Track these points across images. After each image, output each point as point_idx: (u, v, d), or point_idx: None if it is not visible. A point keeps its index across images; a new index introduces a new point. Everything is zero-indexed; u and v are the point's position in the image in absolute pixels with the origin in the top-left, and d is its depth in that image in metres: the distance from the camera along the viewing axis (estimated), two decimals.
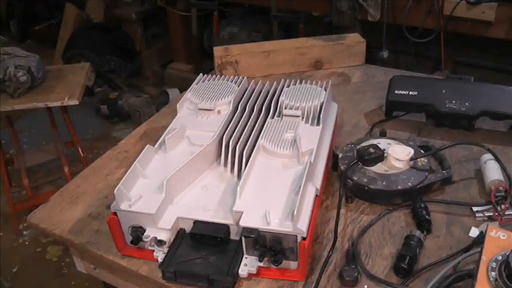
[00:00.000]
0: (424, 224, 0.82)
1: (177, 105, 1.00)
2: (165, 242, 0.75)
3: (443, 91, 1.10)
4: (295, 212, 0.69)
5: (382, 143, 0.95)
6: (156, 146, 0.88)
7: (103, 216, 0.89)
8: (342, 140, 1.07)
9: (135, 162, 0.81)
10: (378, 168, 0.90)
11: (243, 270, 0.72)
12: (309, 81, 1.05)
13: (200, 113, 0.98)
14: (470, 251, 0.73)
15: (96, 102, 3.04)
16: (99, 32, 3.27)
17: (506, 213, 0.82)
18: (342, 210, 0.87)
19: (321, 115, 0.93)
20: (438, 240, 0.80)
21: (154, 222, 0.75)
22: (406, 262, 0.74)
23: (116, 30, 3.34)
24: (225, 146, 0.88)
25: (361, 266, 0.76)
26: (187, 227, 0.77)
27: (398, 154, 0.89)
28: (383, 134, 1.02)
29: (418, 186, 0.87)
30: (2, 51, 1.89)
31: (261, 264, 0.73)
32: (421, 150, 0.95)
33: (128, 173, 0.78)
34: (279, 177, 0.80)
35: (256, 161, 0.84)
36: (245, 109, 0.98)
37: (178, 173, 0.79)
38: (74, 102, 1.88)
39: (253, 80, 1.08)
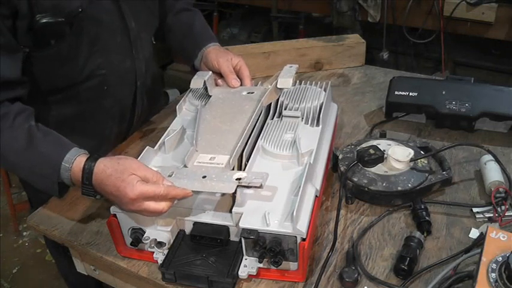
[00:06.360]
0: (424, 225, 0.82)
1: (177, 107, 1.00)
2: (165, 244, 0.75)
3: (443, 92, 1.10)
4: (294, 213, 0.69)
5: (382, 144, 0.95)
6: (156, 147, 0.88)
7: (103, 218, 0.89)
8: (341, 141, 1.07)
9: None
10: (378, 169, 0.90)
11: (242, 272, 0.72)
12: (308, 82, 1.05)
13: None
14: (471, 252, 0.73)
15: None
16: None
17: (506, 214, 0.82)
18: (342, 211, 0.87)
19: (321, 116, 0.93)
20: (438, 242, 0.80)
21: (154, 223, 0.75)
22: (406, 263, 0.74)
23: None
24: None
25: (361, 267, 0.76)
26: (187, 228, 0.77)
27: (398, 155, 0.89)
28: (383, 135, 1.02)
29: (418, 188, 0.87)
30: None
31: (261, 265, 0.73)
32: (421, 151, 0.95)
33: None
34: (279, 178, 0.80)
35: (256, 161, 0.84)
36: None
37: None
38: None
39: (253, 81, 1.08)
